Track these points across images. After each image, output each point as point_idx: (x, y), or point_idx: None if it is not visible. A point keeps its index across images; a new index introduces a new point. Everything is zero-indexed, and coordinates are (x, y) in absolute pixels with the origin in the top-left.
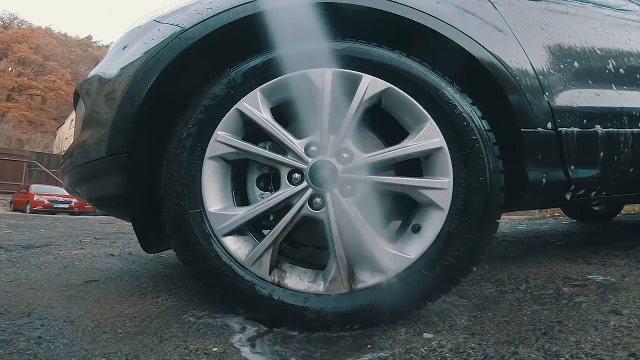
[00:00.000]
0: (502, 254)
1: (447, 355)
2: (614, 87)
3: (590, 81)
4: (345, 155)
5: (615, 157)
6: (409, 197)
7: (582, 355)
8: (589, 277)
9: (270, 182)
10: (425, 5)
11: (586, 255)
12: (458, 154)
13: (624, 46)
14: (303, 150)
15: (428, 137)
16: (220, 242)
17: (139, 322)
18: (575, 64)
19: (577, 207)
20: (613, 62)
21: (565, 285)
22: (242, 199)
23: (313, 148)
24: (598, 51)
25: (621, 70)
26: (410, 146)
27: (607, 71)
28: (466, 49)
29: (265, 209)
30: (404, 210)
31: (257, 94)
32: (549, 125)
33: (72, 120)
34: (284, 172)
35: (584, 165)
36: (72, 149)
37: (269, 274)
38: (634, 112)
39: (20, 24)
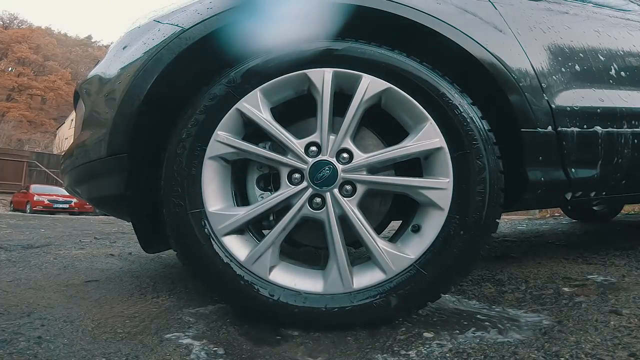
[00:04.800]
0: (502, 254)
1: (447, 355)
2: (615, 88)
3: (590, 81)
4: (345, 155)
5: (615, 157)
6: (409, 197)
7: (582, 355)
8: (589, 277)
9: (270, 182)
10: (426, 6)
11: (586, 255)
12: (458, 154)
13: (625, 46)
14: (303, 150)
15: (428, 137)
16: (220, 242)
17: (139, 322)
18: (576, 64)
19: (577, 207)
20: (614, 62)
21: (565, 285)
22: (242, 199)
23: (313, 148)
24: (598, 51)
25: (622, 70)
26: (410, 146)
27: (607, 71)
28: (466, 49)
29: (266, 209)
30: (404, 210)
31: (257, 94)
32: (549, 125)
33: (72, 120)
34: (284, 172)
35: (584, 166)
36: (72, 149)
37: (269, 274)
38: (634, 113)
39: (20, 24)
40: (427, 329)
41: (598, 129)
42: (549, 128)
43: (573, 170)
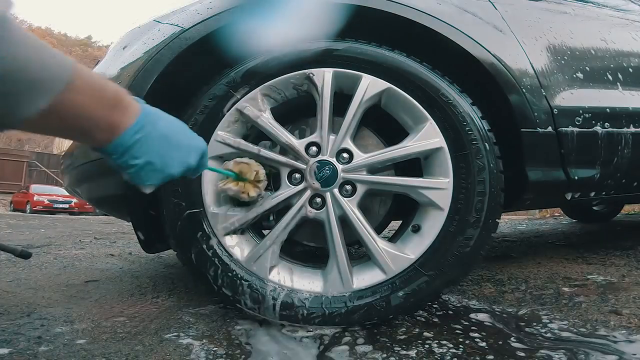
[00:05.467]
0: (502, 254)
1: (447, 355)
2: (614, 87)
3: (590, 81)
4: (345, 155)
5: (615, 157)
6: (409, 197)
7: None
8: (589, 277)
9: (270, 182)
10: (426, 6)
11: (586, 255)
12: (458, 154)
13: (625, 47)
14: (303, 150)
15: (428, 137)
16: (220, 242)
17: (139, 322)
18: (575, 64)
19: (577, 207)
20: (614, 62)
21: (565, 285)
22: None
23: (313, 148)
24: (598, 51)
25: (622, 71)
26: (410, 146)
27: (607, 72)
28: (466, 49)
29: (266, 209)
30: (404, 210)
31: (257, 94)
32: (549, 125)
33: None
34: (284, 172)
35: (584, 165)
36: (72, 149)
37: (269, 274)
38: (634, 113)
39: (20, 24)
40: (427, 329)
41: (598, 129)
42: (549, 128)
43: (573, 170)
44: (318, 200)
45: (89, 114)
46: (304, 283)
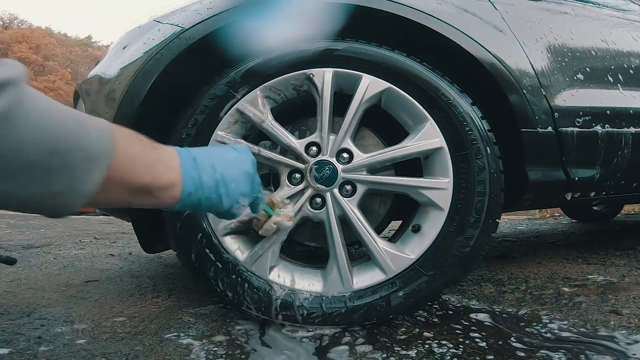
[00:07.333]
0: (502, 254)
1: (447, 355)
2: (615, 88)
3: (590, 81)
4: (345, 155)
5: (615, 157)
6: (409, 197)
7: None
8: (589, 277)
9: (270, 182)
10: (426, 6)
11: (586, 255)
12: (458, 154)
13: (625, 47)
14: (303, 151)
15: (428, 137)
16: (220, 242)
17: (139, 322)
18: (576, 64)
19: (577, 207)
20: (614, 62)
21: (565, 285)
22: None
23: (313, 148)
24: (599, 51)
25: (622, 71)
26: (410, 146)
27: (607, 72)
28: (466, 49)
29: None
30: (404, 210)
31: (257, 94)
32: (549, 125)
33: None
34: (284, 172)
35: (584, 165)
36: None
37: (269, 274)
38: (634, 113)
39: (20, 24)
40: (427, 329)
41: (598, 129)
42: (549, 128)
43: (573, 170)
44: (318, 200)
45: (146, 161)
46: (304, 283)
